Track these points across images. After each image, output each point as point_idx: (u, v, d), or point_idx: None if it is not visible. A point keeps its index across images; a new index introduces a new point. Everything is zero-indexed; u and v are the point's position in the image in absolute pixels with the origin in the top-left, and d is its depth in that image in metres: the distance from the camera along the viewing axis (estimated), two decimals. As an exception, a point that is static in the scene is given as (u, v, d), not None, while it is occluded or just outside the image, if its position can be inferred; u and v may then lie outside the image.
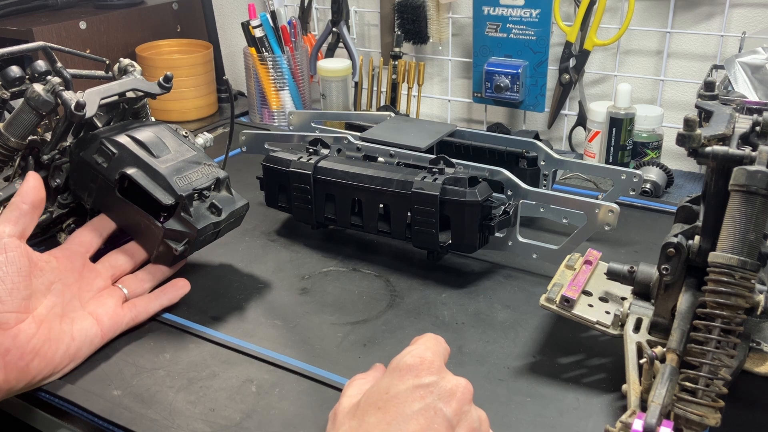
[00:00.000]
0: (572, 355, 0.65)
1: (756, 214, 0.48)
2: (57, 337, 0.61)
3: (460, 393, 0.45)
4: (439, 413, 0.44)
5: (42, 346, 0.59)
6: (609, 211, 0.72)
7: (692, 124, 0.50)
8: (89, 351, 0.64)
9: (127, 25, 1.41)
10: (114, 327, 0.66)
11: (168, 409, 0.59)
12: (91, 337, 0.64)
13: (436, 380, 0.45)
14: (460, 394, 0.45)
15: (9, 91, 0.76)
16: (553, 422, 0.57)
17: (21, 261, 0.59)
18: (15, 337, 0.57)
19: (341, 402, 0.49)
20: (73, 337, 0.62)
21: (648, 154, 1.07)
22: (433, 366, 0.46)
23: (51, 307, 0.62)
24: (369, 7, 1.37)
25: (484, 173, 0.79)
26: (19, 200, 0.62)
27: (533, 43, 1.14)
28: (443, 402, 0.44)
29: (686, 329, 0.53)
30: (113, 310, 0.67)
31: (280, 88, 1.33)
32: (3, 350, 0.56)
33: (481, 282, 0.77)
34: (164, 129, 0.76)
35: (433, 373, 0.45)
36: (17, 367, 0.57)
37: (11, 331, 0.57)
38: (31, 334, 0.58)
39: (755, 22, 1.06)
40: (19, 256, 0.59)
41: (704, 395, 0.48)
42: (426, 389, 0.44)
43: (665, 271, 0.55)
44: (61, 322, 0.62)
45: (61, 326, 0.62)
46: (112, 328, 0.66)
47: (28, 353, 0.58)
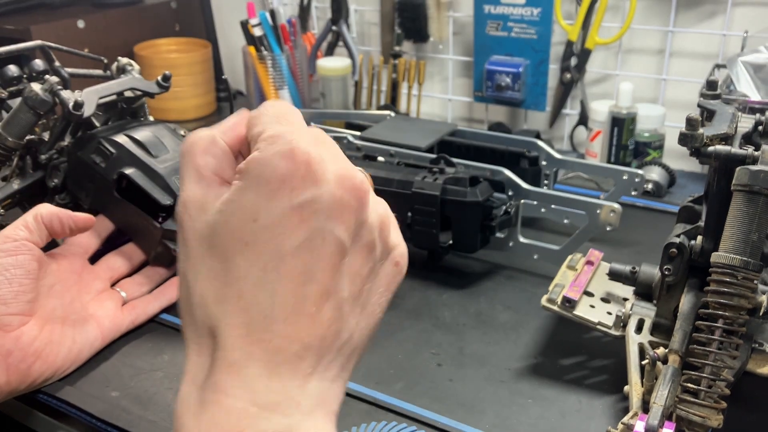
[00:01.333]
0: (574, 356, 0.64)
1: (759, 214, 0.48)
2: (59, 339, 0.61)
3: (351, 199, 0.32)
4: (329, 238, 0.31)
5: (44, 348, 0.59)
6: (611, 211, 0.72)
7: (695, 124, 0.50)
8: (90, 353, 0.64)
9: (125, 24, 1.40)
10: (114, 329, 0.66)
11: (166, 411, 0.58)
12: (91, 339, 0.64)
13: (320, 193, 0.31)
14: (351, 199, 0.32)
15: (6, 90, 0.76)
16: (555, 424, 0.57)
17: (30, 264, 0.59)
18: (17, 339, 0.57)
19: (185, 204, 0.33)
20: (74, 339, 0.62)
21: (650, 153, 1.07)
22: (312, 167, 0.31)
23: (52, 310, 0.61)
24: (369, 6, 1.36)
25: (485, 173, 0.78)
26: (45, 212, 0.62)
27: (534, 42, 1.14)
28: (333, 220, 0.32)
29: (688, 330, 0.53)
30: (113, 312, 0.67)
31: (280, 87, 1.32)
32: (5, 352, 0.56)
33: (482, 283, 0.77)
34: (163, 128, 0.76)
35: (312, 180, 0.31)
36: (19, 370, 0.57)
37: (14, 333, 0.57)
38: (33, 336, 0.58)
39: (758, 20, 1.05)
40: (30, 259, 0.59)
41: (706, 396, 0.48)
42: (309, 208, 0.31)
43: (667, 271, 0.55)
44: (63, 325, 0.62)
45: (63, 329, 0.62)
46: (113, 331, 0.66)
47: (30, 355, 0.58)
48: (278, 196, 0.31)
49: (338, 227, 0.32)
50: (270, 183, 0.31)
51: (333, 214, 0.32)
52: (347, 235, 0.32)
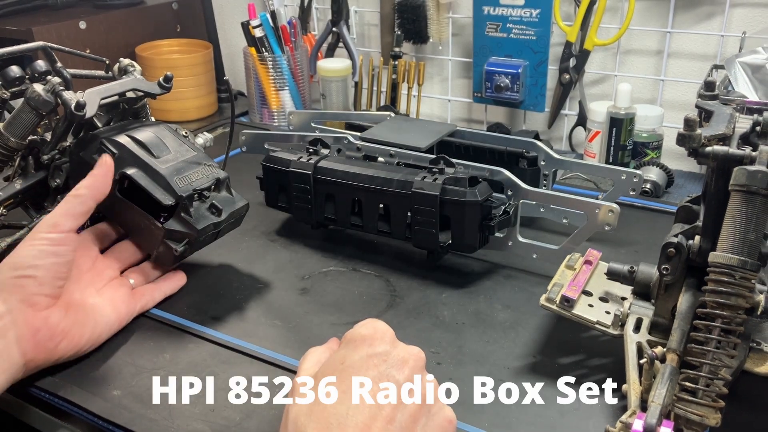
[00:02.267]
0: (572, 355, 0.65)
1: (756, 214, 0.48)
2: (83, 321, 0.64)
3: (412, 361, 0.47)
4: (392, 379, 0.45)
5: (71, 329, 0.62)
6: (609, 211, 0.72)
7: (692, 124, 0.50)
8: (108, 335, 0.67)
9: (127, 25, 1.41)
10: (128, 313, 0.69)
11: (167, 409, 0.59)
12: (111, 322, 0.67)
13: (389, 349, 0.47)
14: (412, 362, 0.47)
15: (9, 91, 0.76)
16: (554, 423, 0.57)
17: (70, 255, 0.62)
18: (46, 318, 0.60)
19: (299, 373, 0.50)
20: (96, 321, 0.65)
21: (648, 154, 1.07)
22: (386, 336, 0.48)
23: (71, 293, 0.65)
24: (369, 7, 1.37)
25: (484, 173, 0.79)
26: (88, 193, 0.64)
27: (533, 43, 1.14)
28: (396, 369, 0.46)
29: (686, 329, 0.53)
30: (126, 298, 0.70)
31: (280, 88, 1.33)
32: (34, 329, 0.59)
33: (481, 282, 0.77)
34: (164, 129, 0.76)
35: (386, 343, 0.47)
36: (47, 348, 0.60)
37: (43, 313, 0.60)
38: (60, 317, 0.61)
39: (756, 21, 1.06)
40: (71, 250, 0.62)
41: (704, 395, 0.48)
42: (380, 358, 0.46)
43: (665, 271, 0.55)
44: (85, 308, 0.65)
45: (86, 311, 0.65)
46: (128, 315, 0.69)
47: (57, 335, 0.61)
48: (360, 348, 0.47)
49: (400, 374, 0.45)
50: (355, 341, 0.47)
51: (397, 365, 0.46)
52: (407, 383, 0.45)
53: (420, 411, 0.45)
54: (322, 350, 0.53)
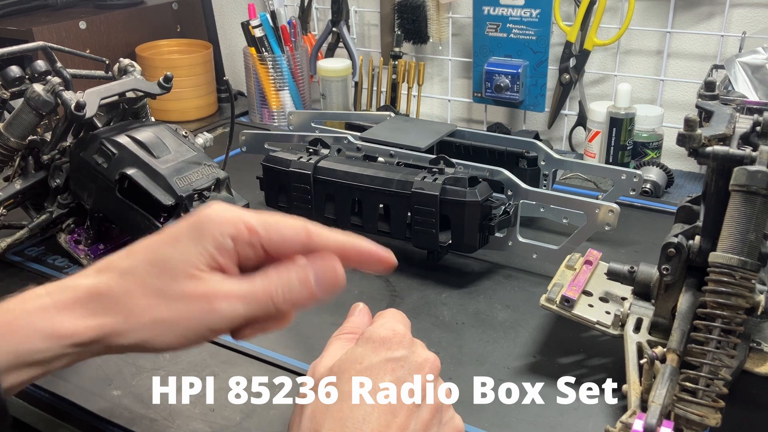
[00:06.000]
0: (572, 355, 0.65)
1: (756, 214, 0.48)
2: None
3: (428, 367, 0.47)
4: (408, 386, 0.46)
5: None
6: (609, 211, 0.72)
7: (692, 124, 0.50)
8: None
9: (127, 25, 1.41)
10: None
11: (168, 409, 0.59)
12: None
13: (407, 354, 0.47)
14: (428, 368, 0.47)
15: (9, 91, 0.76)
16: (554, 423, 0.57)
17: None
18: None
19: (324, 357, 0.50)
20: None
21: (648, 154, 1.07)
22: (405, 339, 0.48)
23: None
24: (369, 7, 1.37)
25: (484, 173, 0.79)
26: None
27: (533, 43, 1.14)
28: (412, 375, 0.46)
29: (686, 329, 0.53)
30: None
31: (280, 88, 1.33)
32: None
33: (481, 282, 0.77)
34: (164, 129, 0.76)
35: (405, 347, 0.47)
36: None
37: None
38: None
39: (755, 21, 1.06)
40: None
41: (704, 395, 0.48)
42: (398, 363, 0.46)
43: (665, 271, 0.55)
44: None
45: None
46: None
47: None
48: (379, 351, 0.46)
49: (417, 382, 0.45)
50: (374, 342, 0.47)
51: (414, 370, 0.46)
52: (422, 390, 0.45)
53: (433, 419, 0.46)
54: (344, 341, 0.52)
